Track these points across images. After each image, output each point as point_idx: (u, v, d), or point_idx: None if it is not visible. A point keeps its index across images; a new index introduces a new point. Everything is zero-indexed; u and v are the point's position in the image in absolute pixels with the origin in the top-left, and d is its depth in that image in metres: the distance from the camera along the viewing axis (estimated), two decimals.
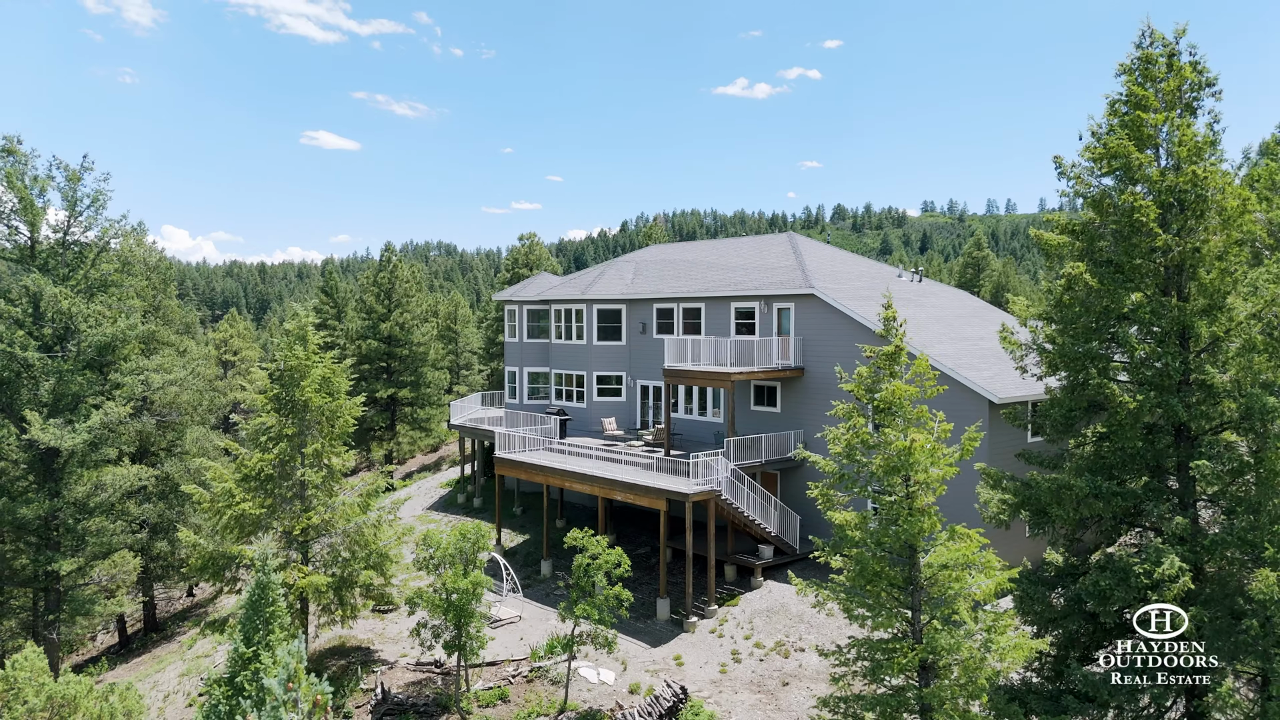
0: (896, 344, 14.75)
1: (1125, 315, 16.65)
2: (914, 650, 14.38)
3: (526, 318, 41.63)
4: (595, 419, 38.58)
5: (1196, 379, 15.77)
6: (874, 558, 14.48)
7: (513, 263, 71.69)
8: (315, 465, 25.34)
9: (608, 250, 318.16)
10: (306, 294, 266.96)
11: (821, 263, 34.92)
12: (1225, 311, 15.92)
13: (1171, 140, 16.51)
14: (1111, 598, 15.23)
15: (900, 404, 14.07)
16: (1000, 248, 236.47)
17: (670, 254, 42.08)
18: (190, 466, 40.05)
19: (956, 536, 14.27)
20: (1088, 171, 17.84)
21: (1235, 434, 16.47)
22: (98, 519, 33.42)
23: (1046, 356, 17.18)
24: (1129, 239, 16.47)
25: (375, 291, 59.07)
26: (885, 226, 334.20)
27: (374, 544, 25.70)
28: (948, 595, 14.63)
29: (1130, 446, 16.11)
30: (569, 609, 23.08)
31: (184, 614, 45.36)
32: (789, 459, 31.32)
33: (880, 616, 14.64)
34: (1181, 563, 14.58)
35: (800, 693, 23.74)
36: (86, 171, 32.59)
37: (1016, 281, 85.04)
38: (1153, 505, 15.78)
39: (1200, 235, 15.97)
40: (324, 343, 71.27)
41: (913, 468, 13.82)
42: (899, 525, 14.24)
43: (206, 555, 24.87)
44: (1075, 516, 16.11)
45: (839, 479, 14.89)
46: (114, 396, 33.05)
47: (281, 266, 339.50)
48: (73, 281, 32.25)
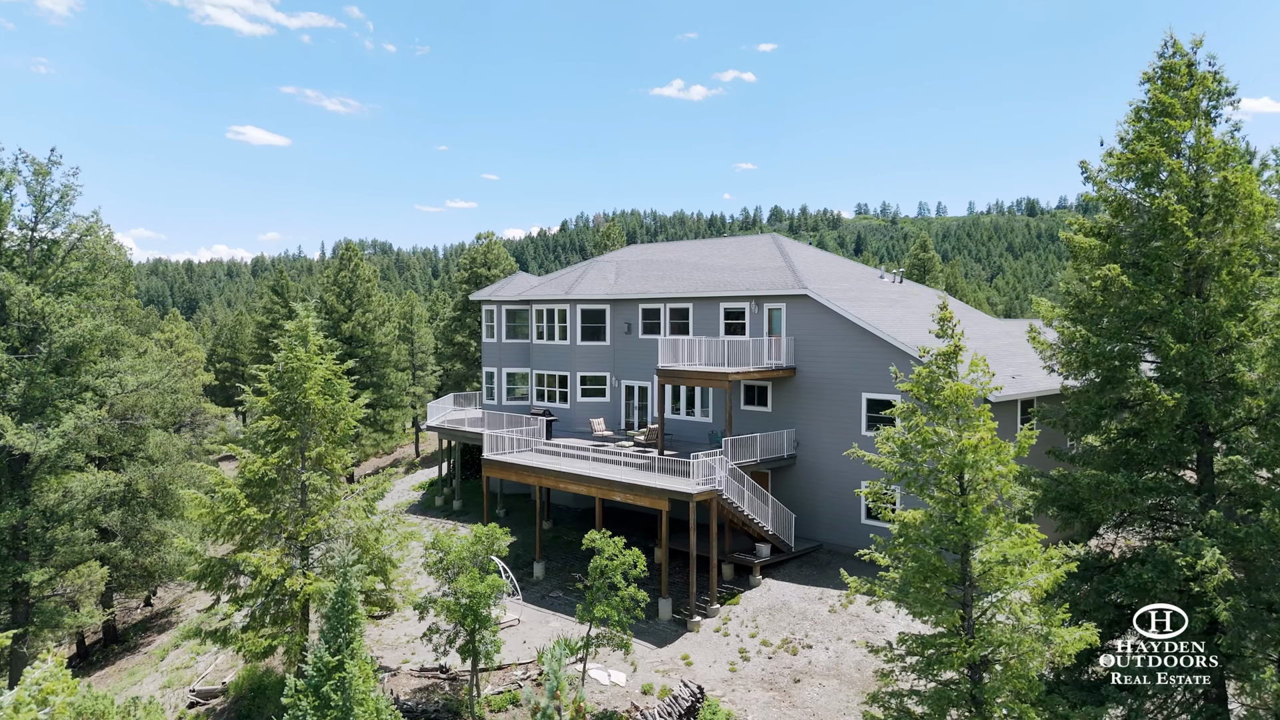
0: (955, 344, 15.03)
1: (1151, 316, 17.27)
2: (970, 645, 14.65)
3: (505, 318, 41.22)
4: (579, 420, 38.40)
5: (1227, 377, 16.40)
6: (935, 554, 14.72)
7: (470, 262, 70.84)
8: (318, 469, 24.71)
9: (548, 250, 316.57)
10: (238, 293, 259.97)
11: (808, 264, 35.35)
12: (1249, 312, 16.61)
13: (1198, 146, 17.15)
14: (1152, 590, 15.75)
15: (964, 403, 14.35)
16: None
17: (651, 254, 42.11)
18: (156, 473, 38.73)
19: (1015, 532, 14.59)
20: (1112, 176, 18.43)
21: (1252, 429, 17.21)
22: (64, 527, 32.12)
23: (1079, 355, 17.67)
24: (1159, 241, 17.08)
25: (336, 291, 57.82)
26: (821, 228, 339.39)
27: (375, 548, 25.18)
28: (1002, 589, 14.95)
29: (1163, 443, 16.68)
30: (588, 610, 22.96)
31: (144, 624, 43.77)
32: (781, 458, 31.64)
33: (937, 613, 14.87)
34: (1220, 554, 15.16)
35: (813, 689, 23.99)
36: (55, 166, 31.25)
37: (964, 283, 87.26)
38: (1186, 499, 16.36)
39: (1227, 238, 16.63)
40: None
41: (977, 466, 14.10)
42: (960, 522, 14.51)
43: (205, 563, 24.05)
44: (1112, 511, 16.60)
45: (900, 477, 15.10)
46: (84, 400, 31.74)
47: (210, 265, 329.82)
48: (41, 280, 30.88)
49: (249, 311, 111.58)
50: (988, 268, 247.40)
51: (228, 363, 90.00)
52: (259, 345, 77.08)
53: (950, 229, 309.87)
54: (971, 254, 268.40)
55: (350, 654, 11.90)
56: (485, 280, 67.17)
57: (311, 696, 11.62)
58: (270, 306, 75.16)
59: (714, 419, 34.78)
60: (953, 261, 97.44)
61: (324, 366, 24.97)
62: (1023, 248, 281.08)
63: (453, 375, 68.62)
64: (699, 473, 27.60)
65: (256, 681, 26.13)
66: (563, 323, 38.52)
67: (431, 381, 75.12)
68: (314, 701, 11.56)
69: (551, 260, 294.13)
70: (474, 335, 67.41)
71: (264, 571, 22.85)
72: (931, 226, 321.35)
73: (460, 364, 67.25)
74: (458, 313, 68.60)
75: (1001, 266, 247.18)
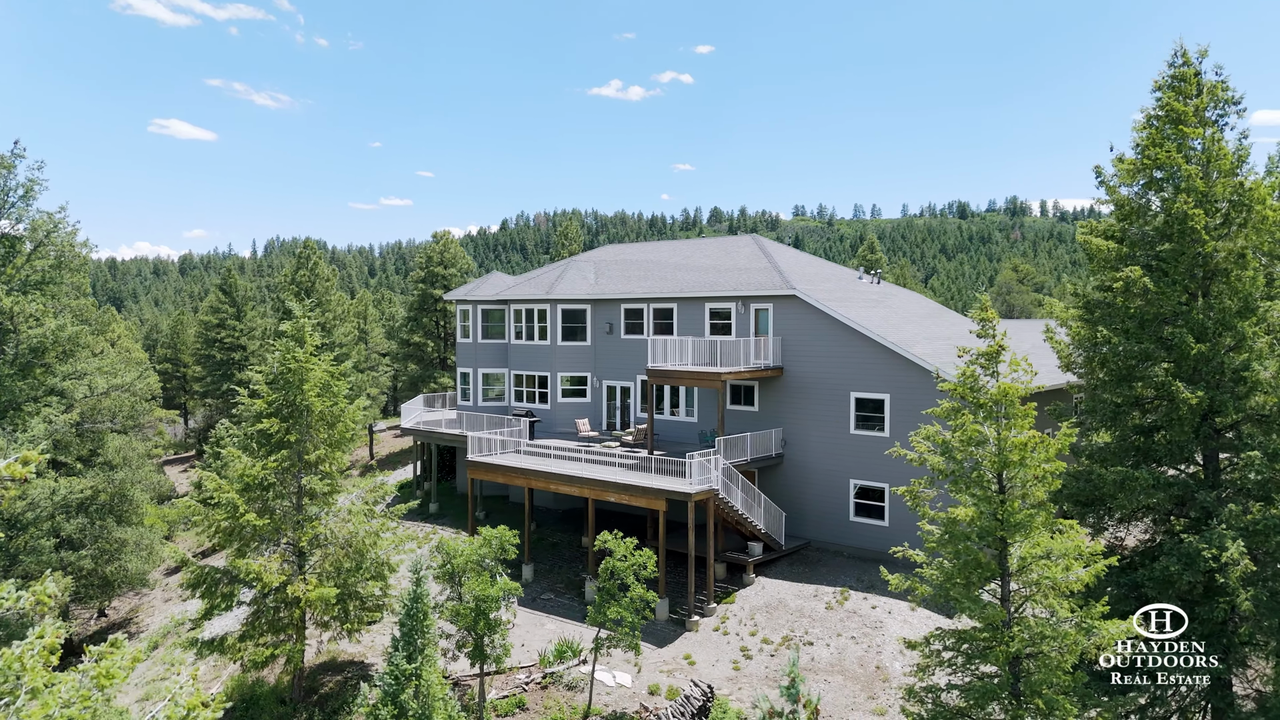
0: (998, 344, 15.35)
1: (1166, 317, 17.90)
2: (1013, 639, 14.97)
3: (481, 318, 40.75)
4: (560, 420, 38.17)
5: (1240, 375, 17.07)
6: (980, 550, 15.01)
7: (426, 260, 69.65)
8: (317, 472, 24.12)
9: (489, 249, 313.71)
10: (165, 292, 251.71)
11: (791, 264, 35.72)
12: (1259, 313, 17.32)
13: (1210, 152, 17.82)
14: (1177, 582, 16.30)
15: (1011, 401, 14.67)
16: (854, 250, 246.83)
17: (628, 254, 42.06)
18: (116, 478, 37.33)
19: (1057, 527, 14.96)
20: (1123, 181, 19.04)
21: (1255, 426, 17.96)
22: (26, 535, 30.80)
23: (1099, 355, 18.20)
24: (1169, 244, 17.69)
25: (294, 289, 56.40)
26: (760, 229, 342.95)
27: (374, 553, 24.67)
28: (1041, 584, 15.31)
29: (1180, 439, 17.28)
30: (600, 611, 22.83)
31: (99, 635, 42.13)
32: (769, 457, 31.91)
33: (983, 609, 15.16)
34: (1243, 546, 15.77)
35: (819, 685, 24.24)
36: (19, 159, 29.88)
37: (914, 283, 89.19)
38: (1205, 493, 16.97)
39: (1239, 241, 17.31)
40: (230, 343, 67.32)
41: (1024, 463, 14.43)
42: (1002, 518, 14.82)
43: (199, 572, 23.27)
44: (1133, 505, 17.14)
45: (944, 474, 15.36)
46: (50, 403, 30.44)
47: (135, 262, 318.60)
48: (4, 277, 29.50)
49: (188, 311, 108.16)
50: (922, 269, 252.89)
51: (169, 364, 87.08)
52: (204, 346, 74.77)
53: (885, 230, 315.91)
54: (907, 255, 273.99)
55: (427, 660, 11.66)
56: (442, 279, 66.27)
57: (391, 706, 11.34)
58: (218, 306, 72.92)
59: (699, 419, 34.90)
60: (901, 263, 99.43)
61: (322, 367, 24.39)
62: (955, 249, 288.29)
63: (407, 376, 67.47)
64: (697, 472, 27.67)
65: (248, 692, 25.37)
66: (543, 323, 38.24)
67: (385, 382, 73.80)
68: (393, 711, 11.30)
69: (493, 260, 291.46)
70: (430, 335, 66.42)
71: (265, 579, 22.21)
72: (867, 228, 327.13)
73: (415, 365, 66.08)
74: (413, 312, 67.50)
75: (935, 267, 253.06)
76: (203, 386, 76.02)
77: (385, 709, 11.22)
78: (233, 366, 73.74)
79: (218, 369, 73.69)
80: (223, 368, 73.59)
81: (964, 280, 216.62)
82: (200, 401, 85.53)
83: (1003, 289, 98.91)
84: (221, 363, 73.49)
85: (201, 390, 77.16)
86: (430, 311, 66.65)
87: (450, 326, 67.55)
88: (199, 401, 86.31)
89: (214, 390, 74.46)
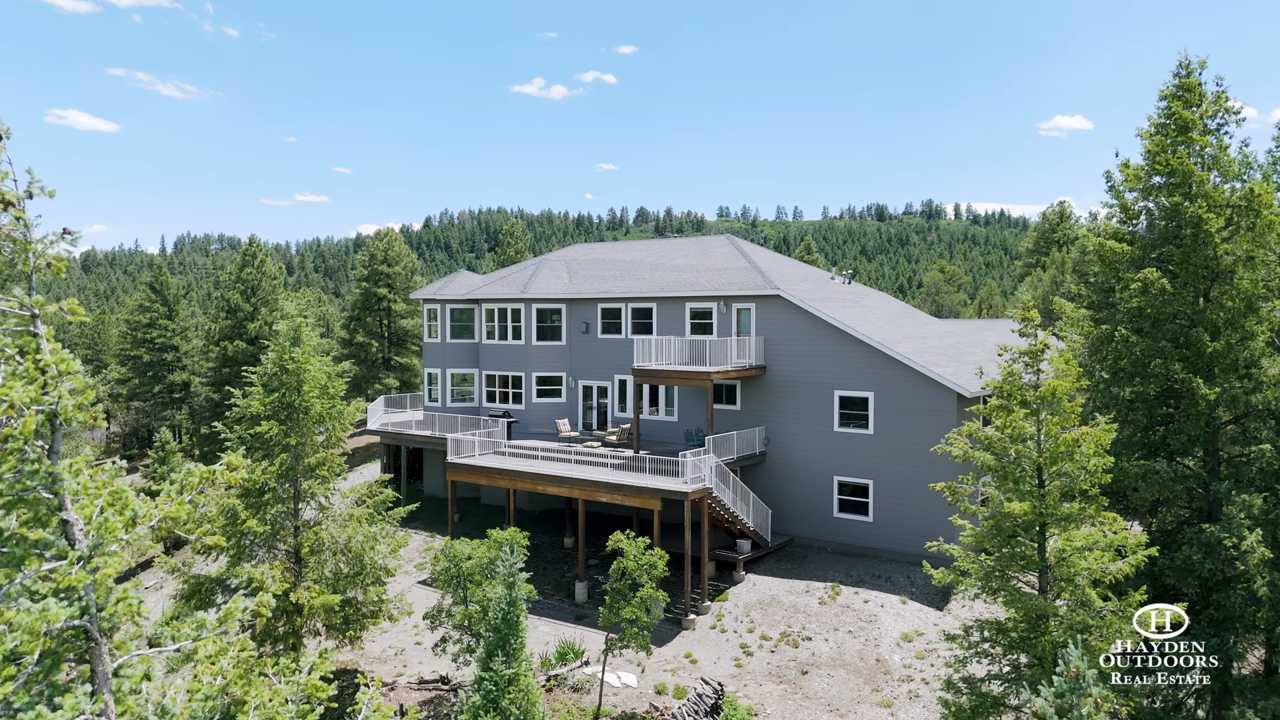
0: (1043, 343, 15.83)
1: (1176, 316, 18.72)
2: (1057, 629, 15.45)
3: (450, 317, 40.07)
4: (536, 420, 37.81)
5: (1249, 371, 17.97)
6: (1026, 543, 15.46)
7: (369, 259, 67.94)
8: (315, 476, 23.39)
9: (412, 246, 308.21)
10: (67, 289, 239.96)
11: (769, 265, 36.12)
12: (1264, 313, 18.27)
13: (1218, 160, 18.71)
14: (1198, 570, 17.07)
15: (1059, 399, 15.16)
16: (790, 250, 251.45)
17: (601, 254, 41.90)
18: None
19: (1099, 520, 15.51)
20: (1129, 187, 19.84)
21: (1259, 420, 18.94)
22: None
23: (1114, 351, 18.92)
24: (1176, 247, 18.53)
25: (240, 288, 54.51)
26: (686, 230, 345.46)
27: (372, 558, 24.04)
28: (1078, 574, 15.84)
29: (1194, 433, 18.10)
30: (613, 611, 22.68)
31: None
32: (753, 455, 32.21)
33: (1028, 601, 15.61)
34: (1261, 534, 16.61)
35: (822, 680, 24.60)
36: None
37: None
38: (1218, 485, 17.81)
39: (1246, 243, 18.23)
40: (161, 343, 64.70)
41: (1073, 457, 14.92)
42: (1043, 512, 15.29)
43: (194, 581, 22.32)
44: (1152, 497, 17.88)
45: (994, 470, 15.77)
46: None
47: None
48: None
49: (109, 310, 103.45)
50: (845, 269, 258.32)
51: (89, 365, 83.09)
52: (132, 346, 71.60)
53: (807, 232, 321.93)
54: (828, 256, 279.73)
55: (523, 665, 11.46)
56: (386, 278, 64.93)
57: (493, 713, 11.11)
58: (147, 305, 69.90)
59: (680, 418, 35.01)
60: (840, 264, 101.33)
61: (319, 368, 23.66)
62: (875, 250, 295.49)
63: (349, 376, 65.76)
64: (690, 471, 27.77)
65: None
66: (517, 322, 37.82)
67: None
68: (495, 717, 11.07)
69: (417, 258, 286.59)
70: (373, 335, 64.96)
71: (266, 587, 21.42)
72: (790, 229, 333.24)
73: (360, 366, 64.37)
74: (356, 312, 65.86)
75: (857, 269, 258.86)
76: (129, 389, 72.71)
77: (488, 716, 10.96)
78: (164, 368, 70.85)
79: (146, 370, 70.69)
80: (152, 369, 70.64)
81: (885, 281, 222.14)
82: (124, 405, 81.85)
83: (931, 289, 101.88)
84: (151, 364, 70.53)
85: (127, 393, 73.79)
86: (374, 311, 65.15)
87: (396, 326, 66.15)
88: (122, 405, 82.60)
89: (142, 393, 71.36)
